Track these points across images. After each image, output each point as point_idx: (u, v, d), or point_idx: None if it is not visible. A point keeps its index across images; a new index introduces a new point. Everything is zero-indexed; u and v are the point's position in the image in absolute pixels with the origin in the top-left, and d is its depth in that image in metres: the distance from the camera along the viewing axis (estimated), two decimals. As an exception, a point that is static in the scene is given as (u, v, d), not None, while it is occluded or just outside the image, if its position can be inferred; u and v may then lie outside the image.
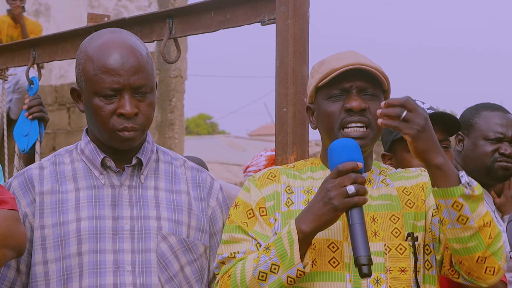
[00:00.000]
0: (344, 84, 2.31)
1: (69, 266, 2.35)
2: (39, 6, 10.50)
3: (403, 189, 2.37)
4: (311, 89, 2.37)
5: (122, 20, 3.48)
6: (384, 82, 2.33)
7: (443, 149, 2.99)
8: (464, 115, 3.44)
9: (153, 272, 2.37)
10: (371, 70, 2.29)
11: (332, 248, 2.26)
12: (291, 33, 2.80)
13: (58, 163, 2.47)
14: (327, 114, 2.32)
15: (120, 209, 2.40)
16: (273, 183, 2.36)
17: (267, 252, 2.20)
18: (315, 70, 2.39)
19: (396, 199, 2.34)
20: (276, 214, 2.32)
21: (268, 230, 2.30)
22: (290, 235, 2.16)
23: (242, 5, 2.98)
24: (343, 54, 2.36)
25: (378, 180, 2.38)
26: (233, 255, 2.30)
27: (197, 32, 3.16)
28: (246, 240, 2.30)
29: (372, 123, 2.30)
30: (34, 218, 2.39)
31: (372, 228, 2.28)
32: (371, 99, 2.31)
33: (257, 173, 2.43)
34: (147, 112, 2.38)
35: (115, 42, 2.38)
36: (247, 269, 2.22)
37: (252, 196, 2.35)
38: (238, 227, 2.32)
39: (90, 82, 2.36)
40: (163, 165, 2.51)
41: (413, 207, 2.34)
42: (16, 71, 5.20)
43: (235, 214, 2.35)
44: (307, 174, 2.39)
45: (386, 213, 2.31)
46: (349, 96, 2.30)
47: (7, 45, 4.16)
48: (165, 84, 9.67)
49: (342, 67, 2.29)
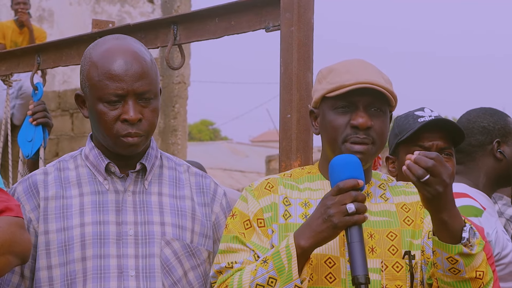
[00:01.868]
0: (352, 97, 2.29)
1: (73, 271, 2.35)
2: (42, 12, 10.52)
3: (402, 205, 2.37)
4: (318, 97, 2.36)
5: (127, 26, 3.49)
6: (392, 101, 2.32)
7: (446, 157, 3.01)
8: (493, 122, 3.42)
9: (157, 277, 2.38)
10: (381, 90, 2.28)
11: (329, 264, 2.26)
12: (296, 40, 2.80)
13: (63, 168, 2.48)
14: (332, 126, 2.31)
15: (124, 214, 2.40)
16: (270, 193, 2.35)
17: (264, 265, 2.19)
18: (323, 76, 2.36)
19: (394, 216, 2.34)
20: (273, 226, 2.31)
21: (266, 241, 2.30)
22: (289, 250, 2.15)
23: (246, 12, 2.99)
24: (352, 65, 2.33)
25: (377, 194, 2.37)
26: (230, 265, 2.29)
27: (201, 38, 3.17)
28: (244, 250, 2.30)
29: (375, 141, 2.30)
30: (39, 223, 2.40)
31: (370, 244, 2.27)
32: (377, 115, 2.30)
33: (254, 182, 2.42)
34: (151, 118, 2.39)
35: (119, 48, 2.38)
36: (244, 280, 2.21)
37: (249, 206, 2.35)
38: (235, 237, 2.31)
39: (94, 88, 2.37)
40: (167, 171, 2.51)
41: (411, 225, 2.33)
42: (20, 77, 5.21)
43: (232, 224, 2.35)
44: (305, 184, 2.38)
45: (384, 230, 2.31)
46: (356, 112, 2.29)
47: (11, 51, 4.16)
48: (168, 90, 9.68)
49: (352, 84, 2.27)
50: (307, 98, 2.79)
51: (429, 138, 3.01)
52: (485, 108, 3.48)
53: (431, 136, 3.01)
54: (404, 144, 3.04)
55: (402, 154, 3.09)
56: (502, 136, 3.38)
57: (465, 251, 2.12)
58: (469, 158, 3.37)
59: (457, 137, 3.06)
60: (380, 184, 2.41)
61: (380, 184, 2.41)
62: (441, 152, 3.01)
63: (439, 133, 3.02)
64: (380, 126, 2.30)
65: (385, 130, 2.34)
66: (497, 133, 3.38)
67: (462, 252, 2.12)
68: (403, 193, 2.40)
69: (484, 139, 3.38)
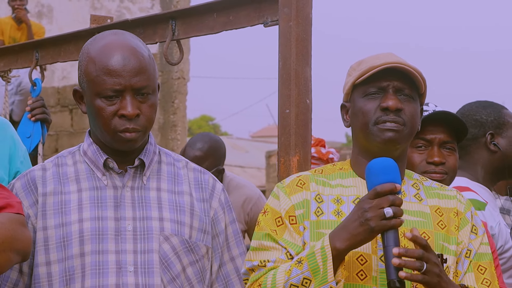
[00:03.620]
0: (381, 82, 2.30)
1: (71, 267, 2.35)
2: (41, 8, 10.51)
3: (436, 208, 2.35)
4: (348, 87, 2.36)
5: (125, 21, 3.48)
6: (422, 85, 2.32)
7: (448, 151, 3.01)
8: (486, 115, 3.42)
9: (156, 273, 2.37)
10: (410, 70, 2.28)
11: (361, 261, 2.25)
12: (294, 35, 2.80)
13: (61, 164, 2.48)
14: (362, 111, 2.31)
15: (123, 210, 2.40)
16: (302, 190, 2.34)
17: (299, 265, 2.18)
18: (353, 68, 2.37)
19: (428, 217, 2.33)
20: (305, 223, 2.30)
21: (298, 238, 2.29)
22: (324, 251, 2.14)
23: (245, 7, 2.99)
24: (382, 55, 2.35)
25: (411, 193, 2.36)
26: (263, 263, 2.28)
27: (200, 33, 3.16)
28: (276, 249, 2.28)
29: (407, 123, 2.29)
30: (37, 219, 2.40)
31: (402, 243, 2.23)
32: (407, 100, 2.30)
33: (285, 179, 2.41)
34: (148, 113, 2.38)
35: (117, 43, 2.38)
36: (278, 280, 2.21)
37: (281, 203, 2.33)
38: (267, 234, 2.30)
39: (92, 83, 2.37)
40: (166, 167, 2.51)
41: (444, 229, 2.32)
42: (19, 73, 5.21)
43: (264, 221, 2.33)
44: (337, 181, 2.37)
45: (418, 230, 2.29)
46: (385, 95, 2.29)
47: (10, 47, 4.17)
48: (168, 85, 9.67)
49: (381, 65, 2.28)
50: (306, 93, 2.79)
51: (431, 131, 3.00)
52: (480, 101, 3.48)
53: (434, 130, 3.01)
54: None
55: None
56: (496, 128, 3.38)
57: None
58: (464, 151, 3.37)
59: (460, 131, 3.05)
60: (413, 183, 2.39)
61: (413, 183, 2.39)
62: (443, 146, 3.01)
63: (442, 127, 3.02)
64: (411, 111, 2.29)
65: (416, 115, 2.33)
66: (490, 125, 3.38)
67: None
68: (437, 196, 2.39)
69: (477, 132, 3.38)
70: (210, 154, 4.52)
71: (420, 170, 2.98)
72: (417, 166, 3.01)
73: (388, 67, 2.28)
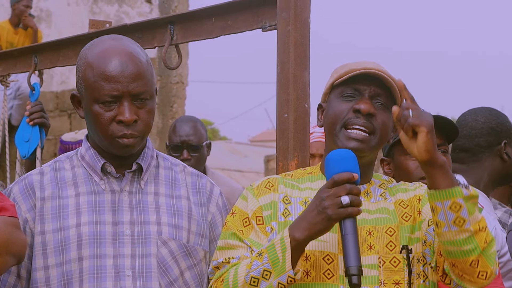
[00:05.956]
0: (359, 85, 2.32)
1: (69, 271, 2.35)
2: (40, 12, 10.51)
3: (400, 202, 2.38)
4: (327, 87, 2.40)
5: (124, 26, 3.48)
6: (399, 96, 2.34)
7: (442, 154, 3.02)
8: (500, 124, 3.43)
9: (153, 277, 2.38)
10: (388, 79, 2.31)
11: (327, 260, 2.28)
12: (292, 39, 2.80)
13: (59, 169, 2.48)
14: (335, 111, 2.33)
15: (120, 214, 2.40)
16: (270, 192, 2.37)
17: (259, 258, 2.21)
18: (335, 71, 2.40)
19: (393, 213, 2.35)
20: (272, 224, 2.33)
21: (264, 239, 2.32)
22: (283, 242, 2.17)
23: (243, 11, 2.99)
24: (366, 62, 2.38)
25: (377, 193, 2.39)
26: (227, 260, 2.31)
27: (198, 38, 3.16)
28: (241, 247, 2.32)
29: (376, 131, 2.31)
30: (35, 223, 2.40)
31: (368, 242, 2.29)
32: (382, 109, 2.33)
33: (255, 181, 2.43)
34: (146, 119, 2.39)
35: (115, 49, 2.38)
36: (239, 274, 2.24)
37: (249, 204, 2.37)
38: (233, 234, 2.33)
39: (90, 89, 2.37)
40: (163, 171, 2.51)
41: (410, 220, 2.34)
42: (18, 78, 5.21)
43: (231, 222, 2.36)
44: (306, 184, 2.40)
45: (383, 227, 2.32)
46: (360, 99, 2.32)
47: (8, 52, 4.16)
48: (166, 90, 9.68)
49: (361, 69, 2.31)
50: (304, 97, 2.79)
51: None
52: (489, 109, 3.50)
53: None
54: (399, 145, 3.04)
55: (397, 155, 3.10)
56: (507, 137, 3.41)
57: (466, 193, 2.14)
58: (475, 158, 3.39)
59: (451, 134, 3.07)
60: (381, 183, 2.42)
61: (381, 183, 2.42)
62: None
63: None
64: (383, 119, 2.32)
65: (388, 124, 2.35)
66: (504, 134, 3.41)
67: (463, 194, 2.14)
68: (400, 191, 2.41)
69: (492, 140, 3.40)
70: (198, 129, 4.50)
71: (416, 176, 2.99)
72: (413, 173, 3.03)
73: (367, 73, 2.31)
